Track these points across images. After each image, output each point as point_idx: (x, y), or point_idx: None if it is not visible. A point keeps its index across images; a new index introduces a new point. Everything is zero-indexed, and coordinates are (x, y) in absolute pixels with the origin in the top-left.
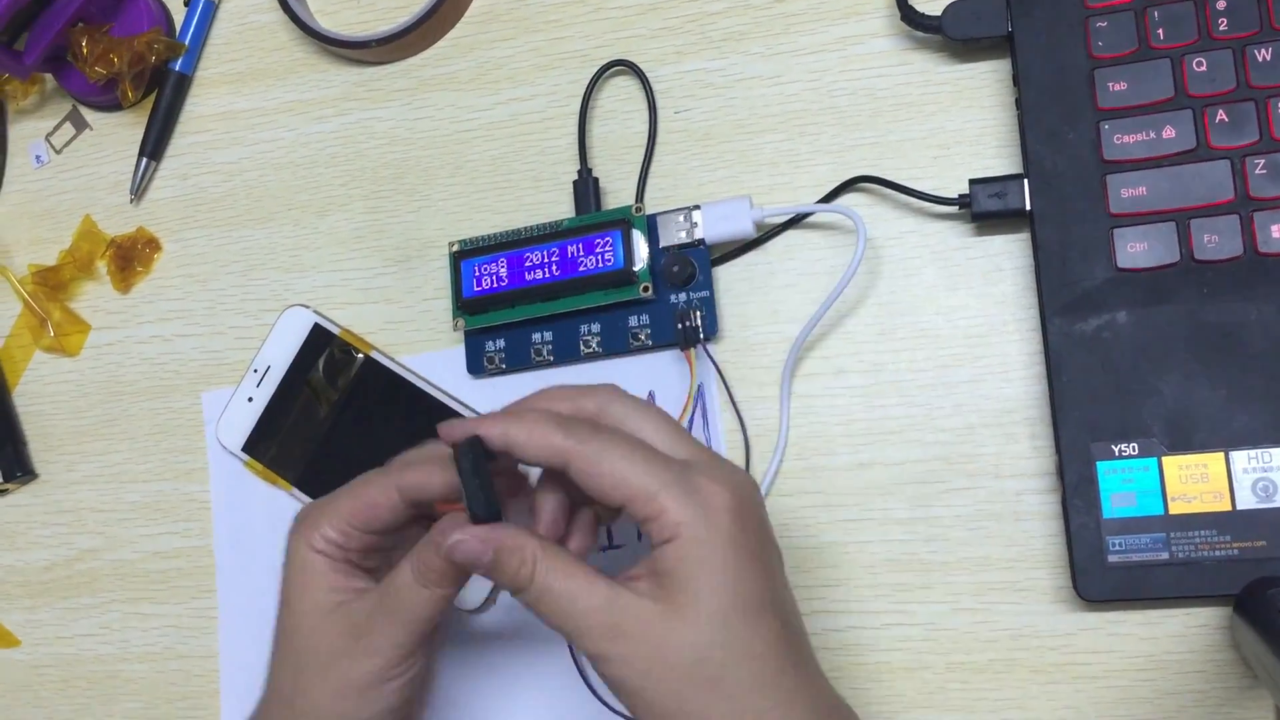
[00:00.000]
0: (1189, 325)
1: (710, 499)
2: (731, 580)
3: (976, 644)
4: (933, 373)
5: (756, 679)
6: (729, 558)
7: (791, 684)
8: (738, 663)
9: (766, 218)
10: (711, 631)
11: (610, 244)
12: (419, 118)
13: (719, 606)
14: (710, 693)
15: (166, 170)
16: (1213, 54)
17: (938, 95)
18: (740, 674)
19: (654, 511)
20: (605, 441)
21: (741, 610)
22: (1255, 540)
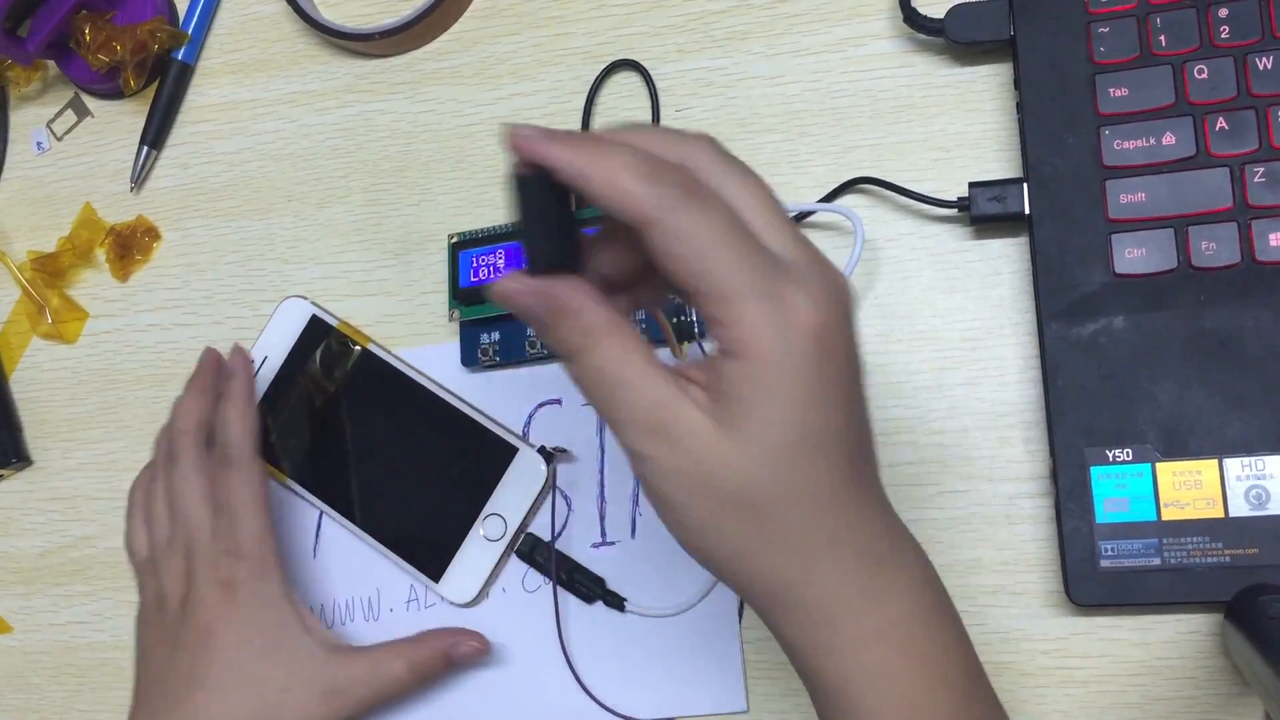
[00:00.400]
0: (1185, 332)
1: (796, 316)
2: (801, 414)
3: None
4: (929, 375)
5: (809, 520)
6: (801, 389)
7: (846, 524)
8: (791, 501)
9: None
10: (768, 466)
11: None
12: (421, 111)
13: (782, 440)
14: (755, 527)
15: (167, 159)
16: (1214, 61)
17: (939, 98)
18: (792, 514)
19: (729, 318)
20: (698, 211)
21: (808, 447)
22: (1248, 548)
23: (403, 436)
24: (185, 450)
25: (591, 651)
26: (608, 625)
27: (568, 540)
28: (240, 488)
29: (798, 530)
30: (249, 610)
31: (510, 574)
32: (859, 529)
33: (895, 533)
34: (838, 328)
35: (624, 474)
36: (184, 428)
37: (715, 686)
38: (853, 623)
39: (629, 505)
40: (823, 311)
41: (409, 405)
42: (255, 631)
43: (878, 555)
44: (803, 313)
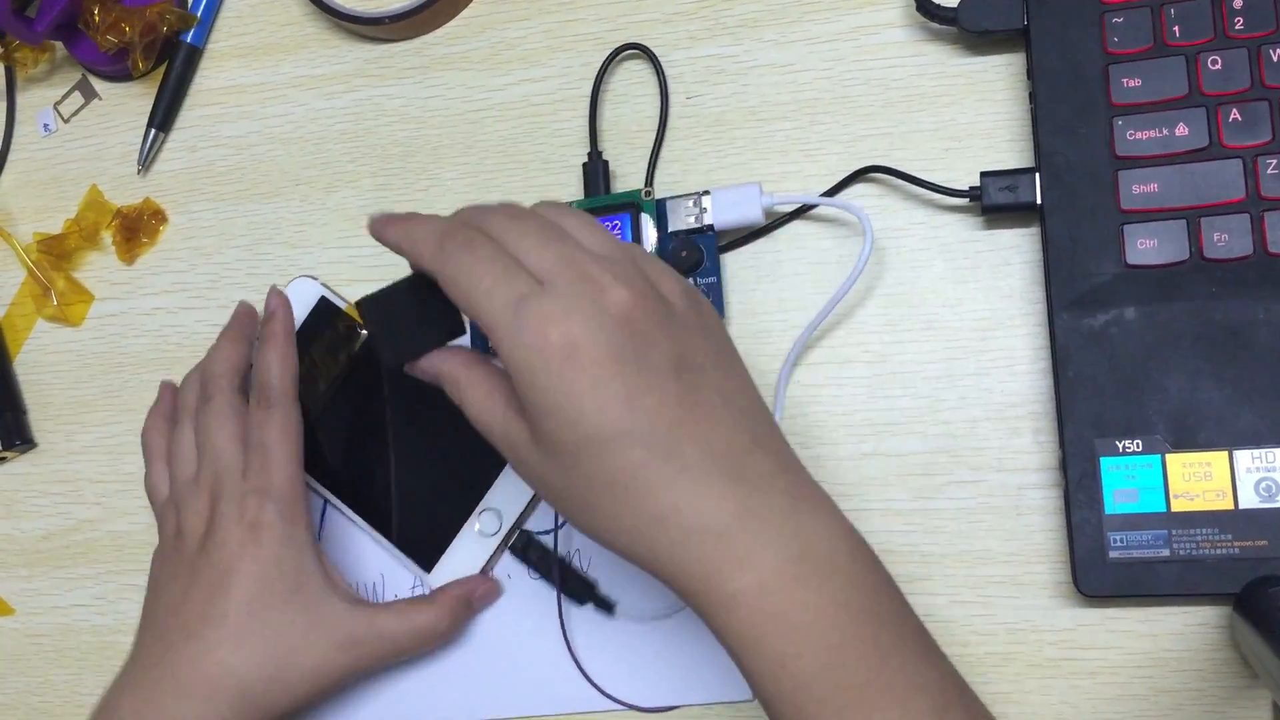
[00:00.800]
0: (1197, 323)
1: (539, 335)
2: (568, 419)
3: (974, 637)
4: (938, 365)
5: (624, 506)
6: (559, 397)
7: (671, 505)
8: (600, 492)
9: (776, 205)
10: (566, 467)
11: (619, 228)
12: (430, 96)
13: (562, 443)
14: (593, 517)
15: (175, 142)
16: (1228, 52)
17: (951, 87)
18: (605, 504)
19: (496, 347)
20: (465, 261)
21: (588, 446)
22: (1257, 539)
23: (403, 425)
24: (221, 391)
25: (590, 641)
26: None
27: (567, 535)
28: (277, 429)
29: (621, 516)
30: (273, 552)
31: (503, 569)
32: (688, 506)
33: (746, 497)
34: (586, 333)
35: None
36: (220, 370)
37: (719, 675)
38: (712, 593)
39: None
40: (563, 322)
41: (411, 394)
42: (278, 574)
43: (720, 526)
44: (545, 331)
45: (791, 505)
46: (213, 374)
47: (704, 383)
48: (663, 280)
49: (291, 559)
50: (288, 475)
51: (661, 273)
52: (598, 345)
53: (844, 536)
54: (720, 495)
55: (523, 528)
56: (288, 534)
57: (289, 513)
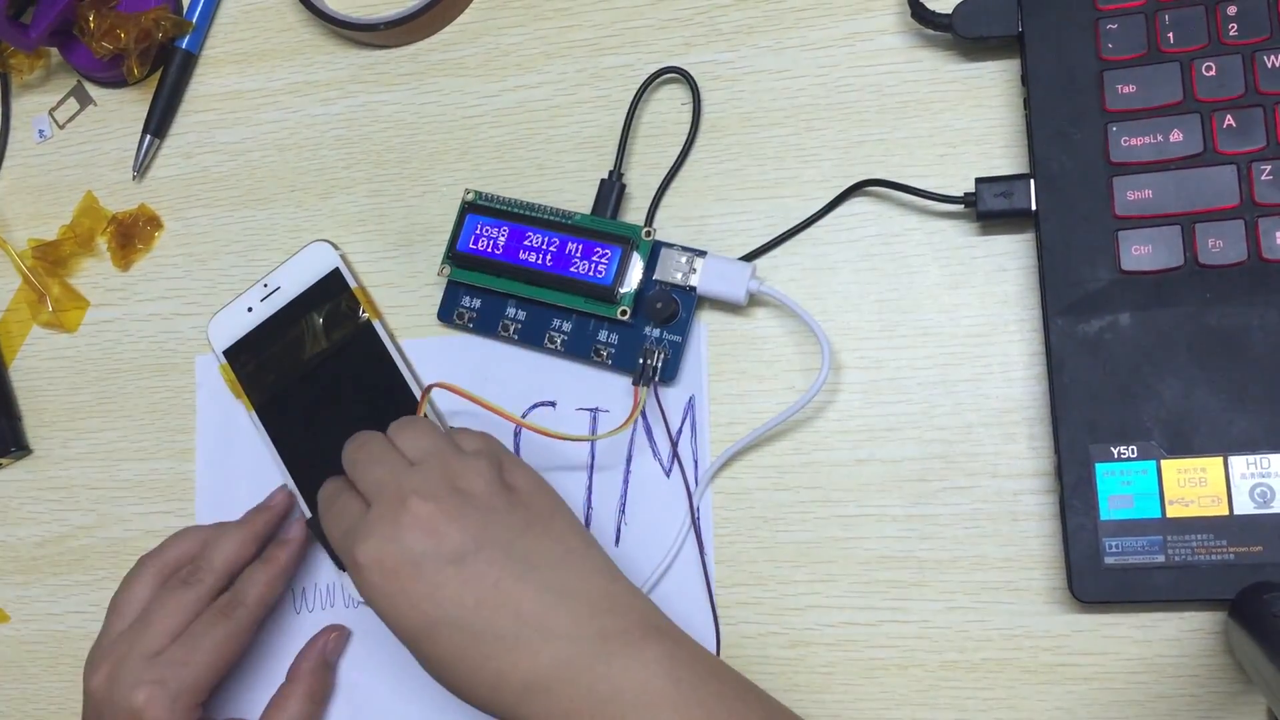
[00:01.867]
0: (1191, 329)
1: (359, 559)
2: (394, 620)
3: (970, 643)
4: (933, 371)
5: (461, 679)
6: (385, 603)
7: (493, 675)
8: (442, 671)
9: (760, 292)
10: (414, 651)
11: (607, 258)
12: (425, 102)
13: (402, 637)
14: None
15: (170, 148)
16: (1222, 59)
17: (946, 93)
18: (449, 677)
19: None
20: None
21: (416, 638)
22: (1252, 545)
23: (367, 420)
24: (202, 585)
25: None
26: None
27: None
28: (219, 638)
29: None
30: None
31: None
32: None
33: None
34: (390, 550)
35: (612, 483)
36: (218, 566)
37: None
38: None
39: (615, 515)
40: (371, 545)
41: (385, 393)
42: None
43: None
44: (360, 556)
45: (601, 649)
46: (211, 565)
47: (509, 555)
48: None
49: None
50: (196, 679)
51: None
52: (397, 557)
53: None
54: (535, 653)
55: None
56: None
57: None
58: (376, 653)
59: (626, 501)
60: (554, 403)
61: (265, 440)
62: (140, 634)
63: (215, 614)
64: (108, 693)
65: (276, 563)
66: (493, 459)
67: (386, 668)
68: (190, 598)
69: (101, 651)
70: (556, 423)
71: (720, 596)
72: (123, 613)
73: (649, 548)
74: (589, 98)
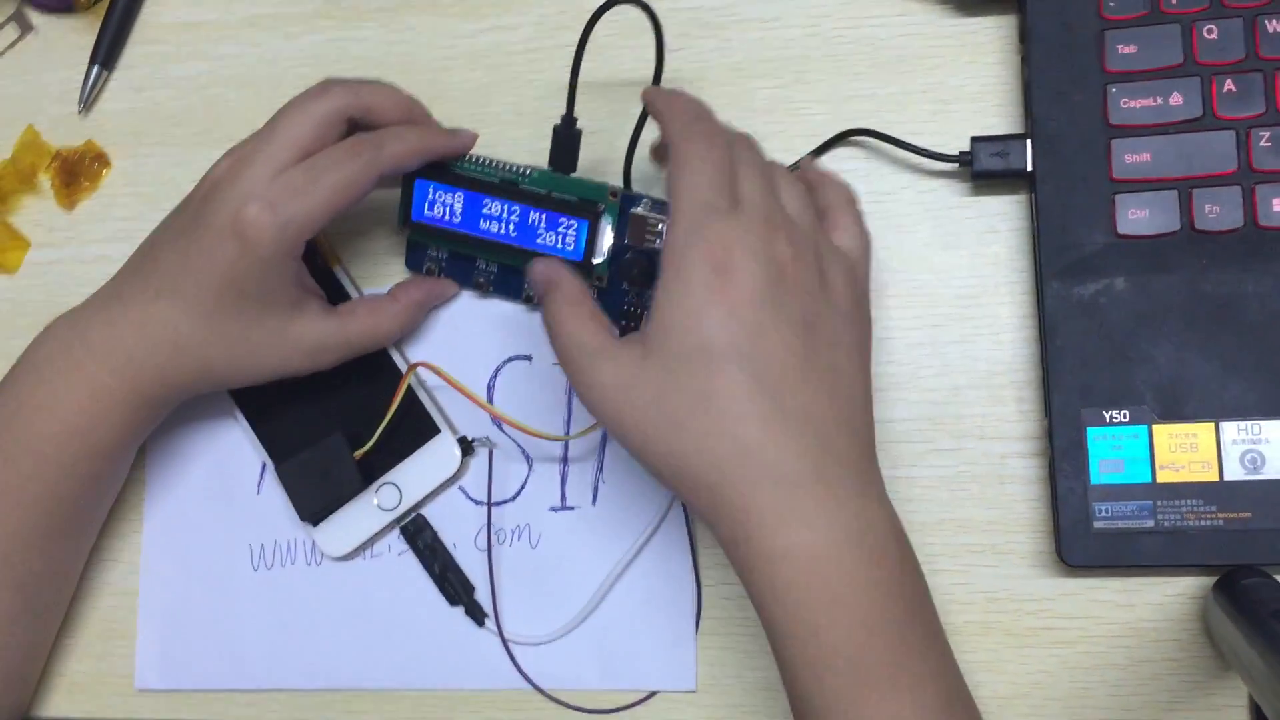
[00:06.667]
0: (1186, 295)
1: (706, 247)
2: (697, 327)
3: (954, 605)
4: (922, 332)
5: (716, 427)
6: (698, 305)
7: (758, 440)
8: (698, 408)
9: None
10: (674, 374)
11: (574, 230)
12: (396, 41)
13: (681, 349)
14: (673, 430)
15: (119, 81)
16: (1224, 22)
17: (941, 49)
18: (700, 419)
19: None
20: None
21: (707, 358)
22: (1241, 512)
23: (335, 375)
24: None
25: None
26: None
27: (525, 502)
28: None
29: (708, 436)
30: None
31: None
32: (773, 447)
33: (825, 464)
34: (744, 260)
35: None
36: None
37: (663, 663)
38: (765, 540)
39: (592, 471)
40: (732, 246)
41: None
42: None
43: (795, 478)
44: (714, 244)
45: (861, 489)
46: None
47: (824, 356)
48: (831, 267)
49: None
50: (309, 213)
51: (835, 261)
52: (749, 276)
53: (898, 532)
54: (804, 450)
55: (420, 512)
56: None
57: (289, 231)
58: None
59: (604, 460)
60: (529, 356)
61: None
62: (268, 139)
63: (346, 150)
64: (223, 186)
65: (429, 134)
66: (851, 271)
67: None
68: (321, 109)
69: (234, 149)
70: (531, 379)
71: (704, 557)
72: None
73: (629, 508)
74: (569, 41)
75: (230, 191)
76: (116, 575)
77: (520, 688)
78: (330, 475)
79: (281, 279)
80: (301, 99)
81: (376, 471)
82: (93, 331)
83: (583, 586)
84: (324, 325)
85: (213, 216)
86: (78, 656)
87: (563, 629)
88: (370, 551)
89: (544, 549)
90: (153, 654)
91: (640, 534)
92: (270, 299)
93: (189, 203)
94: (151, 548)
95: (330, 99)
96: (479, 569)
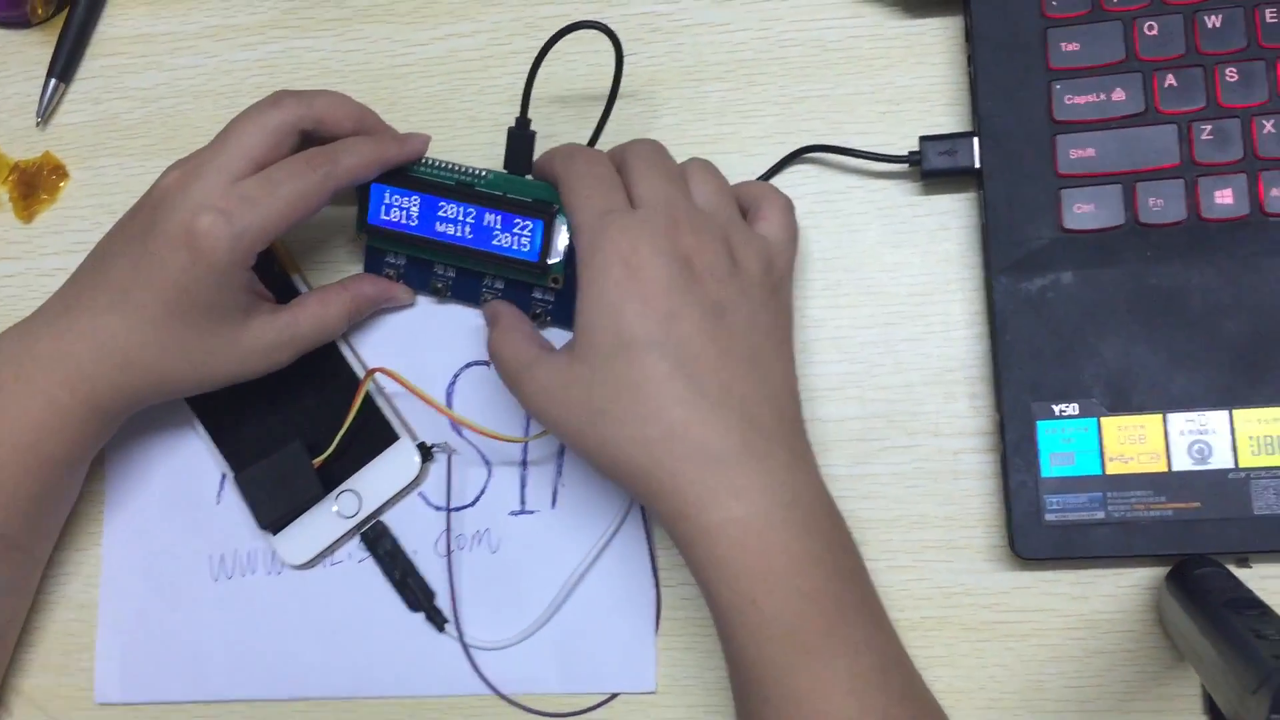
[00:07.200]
0: (1132, 288)
1: (611, 245)
2: (614, 322)
3: (910, 601)
4: (875, 330)
5: (640, 414)
6: (613, 301)
7: (681, 421)
8: (622, 397)
9: None
10: (598, 369)
11: (529, 231)
12: (352, 49)
13: (603, 345)
14: (606, 424)
15: (77, 93)
16: (1164, 18)
17: (889, 50)
18: (625, 408)
19: (578, 245)
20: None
21: (626, 351)
22: (1190, 501)
23: (294, 380)
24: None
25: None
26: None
27: (485, 506)
28: (298, 185)
29: (636, 422)
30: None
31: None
32: (697, 426)
33: (751, 439)
34: (650, 254)
35: (548, 442)
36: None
37: (623, 665)
38: (700, 516)
39: (552, 474)
40: (635, 240)
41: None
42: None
43: (721, 454)
44: (618, 242)
45: (789, 461)
46: (310, 104)
47: (740, 338)
48: (745, 252)
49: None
50: (263, 224)
51: (750, 246)
52: (656, 268)
53: (828, 504)
54: (728, 427)
55: (380, 519)
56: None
57: (243, 242)
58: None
59: (563, 463)
60: (488, 361)
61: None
62: (220, 149)
63: (301, 163)
64: (174, 196)
65: (383, 145)
66: (768, 256)
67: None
68: (275, 120)
69: (183, 160)
70: (490, 384)
71: (663, 558)
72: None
73: (588, 511)
74: (525, 48)
75: (182, 201)
76: (75, 588)
77: (481, 693)
78: (289, 483)
79: (233, 288)
80: (253, 110)
81: (336, 479)
82: (42, 344)
83: (543, 590)
84: (275, 325)
85: (164, 226)
86: (37, 670)
87: (523, 633)
88: (330, 559)
89: (504, 553)
90: (113, 667)
91: (600, 536)
92: (222, 307)
93: (138, 212)
94: (111, 560)
95: (282, 110)
96: (439, 575)
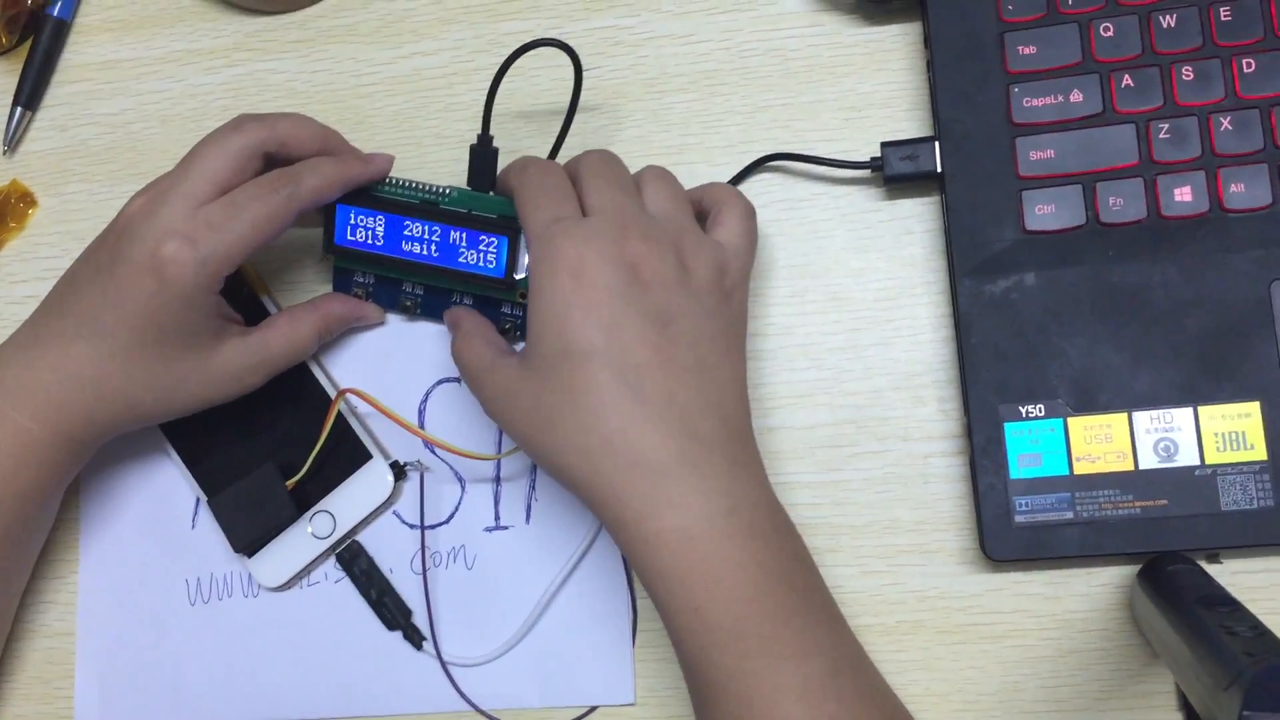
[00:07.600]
0: (1095, 287)
1: (559, 255)
2: (559, 330)
3: (884, 606)
4: (842, 336)
5: (580, 422)
6: (559, 310)
7: (620, 430)
8: (564, 405)
9: None
10: (545, 377)
11: (495, 247)
12: (316, 70)
13: (549, 353)
14: (552, 431)
15: (43, 121)
16: (1119, 20)
17: (849, 57)
18: (567, 416)
19: (529, 252)
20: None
21: (571, 359)
22: (1157, 499)
23: (265, 405)
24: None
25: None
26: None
27: (460, 523)
28: (264, 207)
29: (578, 431)
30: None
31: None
32: (636, 436)
33: (689, 449)
34: (596, 262)
35: (521, 457)
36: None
37: (602, 678)
38: (640, 525)
39: (525, 490)
40: (581, 247)
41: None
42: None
43: (659, 464)
44: (565, 249)
45: (729, 469)
46: (275, 124)
47: (685, 346)
48: (697, 259)
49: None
50: (229, 249)
51: (702, 253)
52: (602, 275)
53: (770, 505)
54: (665, 436)
55: (355, 539)
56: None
57: (209, 267)
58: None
59: (536, 478)
60: (459, 378)
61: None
62: (183, 175)
63: (264, 186)
64: (139, 223)
65: (346, 165)
66: (721, 262)
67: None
68: (237, 144)
69: (148, 186)
70: (462, 400)
71: None
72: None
73: (563, 525)
74: (488, 65)
75: (147, 228)
76: (53, 617)
77: (461, 709)
78: (263, 506)
79: (202, 313)
80: (216, 135)
81: (310, 500)
82: (10, 375)
83: (520, 605)
84: (246, 347)
85: (130, 253)
86: (18, 700)
87: (501, 648)
88: (306, 580)
89: (480, 569)
90: (92, 694)
91: (575, 550)
92: (191, 333)
93: (104, 240)
94: (88, 587)
95: (245, 134)
96: (416, 593)
